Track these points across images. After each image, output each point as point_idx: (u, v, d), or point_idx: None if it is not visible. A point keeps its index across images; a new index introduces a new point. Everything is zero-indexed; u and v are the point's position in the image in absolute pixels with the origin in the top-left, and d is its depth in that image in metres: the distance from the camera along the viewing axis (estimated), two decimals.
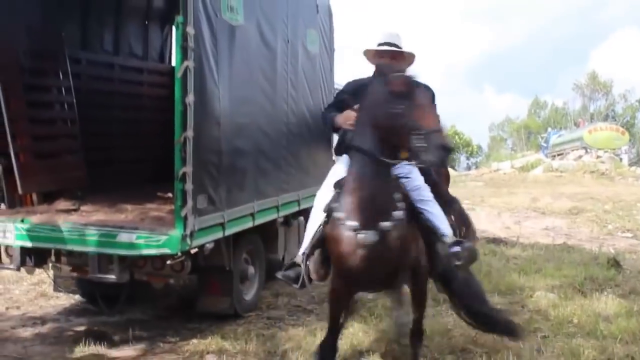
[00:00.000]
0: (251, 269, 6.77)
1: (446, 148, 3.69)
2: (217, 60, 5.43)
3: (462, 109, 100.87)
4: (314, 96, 7.92)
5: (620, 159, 32.22)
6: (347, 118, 4.47)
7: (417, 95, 3.88)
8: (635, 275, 8.46)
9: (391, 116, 3.81)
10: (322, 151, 8.27)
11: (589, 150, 33.04)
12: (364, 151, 3.99)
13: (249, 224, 6.20)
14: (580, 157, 31.91)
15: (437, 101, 4.63)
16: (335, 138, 6.79)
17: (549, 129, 51.21)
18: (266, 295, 7.18)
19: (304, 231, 7.82)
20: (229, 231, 5.77)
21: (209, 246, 5.53)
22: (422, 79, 4.15)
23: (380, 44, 4.70)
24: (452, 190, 17.68)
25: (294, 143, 7.29)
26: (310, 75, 7.78)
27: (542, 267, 8.38)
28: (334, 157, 9.01)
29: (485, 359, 5.12)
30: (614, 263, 8.90)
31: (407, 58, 4.69)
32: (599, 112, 60.95)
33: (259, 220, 6.39)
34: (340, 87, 9.75)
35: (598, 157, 31.28)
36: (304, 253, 4.48)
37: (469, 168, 53.05)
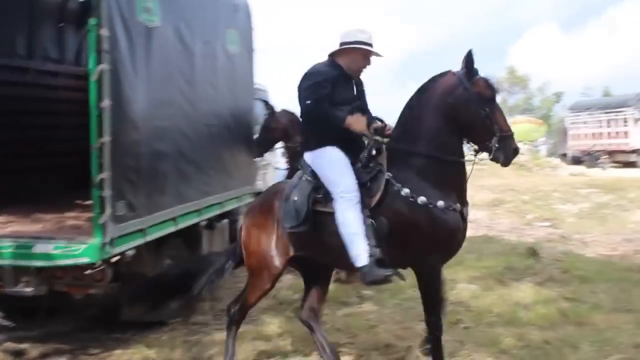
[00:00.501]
0: None
1: (516, 150, 4.31)
2: (134, 62, 5.32)
3: (387, 107, 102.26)
4: (235, 97, 7.85)
5: (539, 151, 33.26)
6: (360, 122, 4.47)
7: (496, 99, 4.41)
8: (553, 263, 8.77)
9: (481, 118, 4.27)
10: (244, 153, 8.23)
11: None
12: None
13: (171, 229, 6.09)
14: None
15: None
16: None
17: None
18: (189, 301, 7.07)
19: (228, 234, 7.84)
20: (150, 237, 5.65)
21: (130, 253, 5.38)
22: None
23: (358, 42, 4.65)
24: None
25: (216, 145, 7.21)
26: (230, 75, 7.71)
27: (463, 259, 8.57)
28: (257, 158, 9.02)
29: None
30: (532, 252, 9.20)
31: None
32: (517, 106, 62.73)
33: (182, 225, 6.28)
34: (262, 88, 9.81)
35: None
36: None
37: None
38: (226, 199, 7.48)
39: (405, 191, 4.29)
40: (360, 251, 4.26)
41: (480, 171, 28.17)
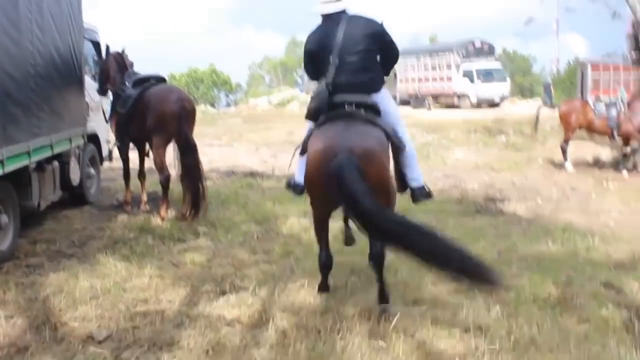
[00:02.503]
0: (4, 218, 6.48)
1: None
2: None
3: (223, 47, 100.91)
4: (62, 37, 7.68)
5: None
6: None
7: None
8: None
9: None
10: (73, 94, 8.08)
11: None
12: None
13: None
14: None
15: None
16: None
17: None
18: (23, 244, 6.96)
19: (58, 176, 7.74)
20: None
21: None
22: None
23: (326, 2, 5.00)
24: (212, 128, 18.28)
25: (44, 86, 7.04)
26: (57, 15, 7.50)
27: (295, 197, 9.01)
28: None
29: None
30: None
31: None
32: None
33: (10, 168, 6.14)
34: (91, 28, 9.59)
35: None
36: None
37: (228, 105, 53.65)
38: (56, 141, 7.36)
39: None
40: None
41: None
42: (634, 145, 13.60)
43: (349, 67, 4.89)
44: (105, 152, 9.97)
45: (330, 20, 5.01)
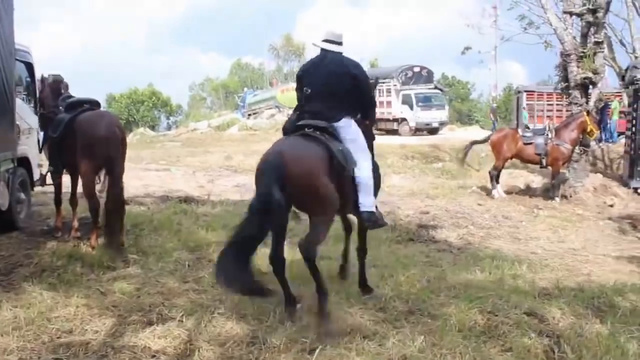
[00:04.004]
0: None
1: None
2: None
3: (165, 67, 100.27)
4: None
5: None
6: None
7: None
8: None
9: None
10: (2, 116, 7.94)
11: (281, 109, 35.00)
12: None
13: None
14: (272, 115, 33.69)
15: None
16: None
17: (245, 89, 53.24)
18: None
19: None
20: None
21: None
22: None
23: (325, 40, 5.81)
24: (150, 152, 18.04)
25: None
26: None
27: (229, 223, 8.99)
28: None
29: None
30: (295, 215, 9.78)
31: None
32: (292, 73, 64.63)
33: None
34: (24, 49, 9.45)
35: (289, 115, 33.28)
36: None
37: (169, 128, 53.23)
38: None
39: None
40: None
41: (253, 136, 29.07)
42: (561, 174, 14.10)
43: (316, 97, 5.66)
44: (36, 176, 9.76)
45: (321, 55, 5.83)
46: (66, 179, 8.70)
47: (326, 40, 5.81)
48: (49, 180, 9.01)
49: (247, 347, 4.70)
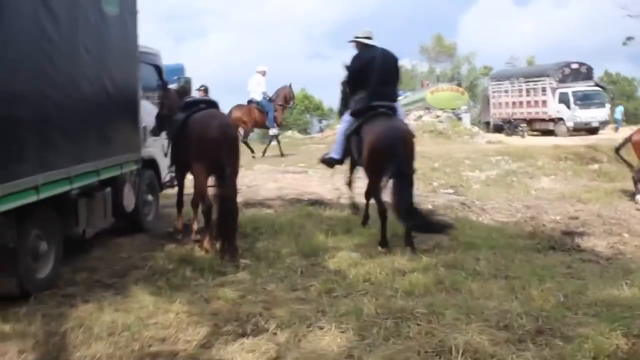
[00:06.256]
0: (43, 246, 6.32)
1: None
2: None
3: (318, 72, 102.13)
4: (114, 60, 7.57)
5: (460, 119, 33.53)
6: None
7: None
8: None
9: None
10: (126, 120, 7.98)
11: (431, 110, 34.12)
12: None
13: (32, 198, 5.79)
14: (420, 117, 32.87)
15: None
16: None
17: None
18: (65, 271, 6.83)
19: (110, 202, 7.61)
20: (5, 207, 5.38)
21: None
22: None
23: (365, 37, 8.07)
24: (291, 155, 17.82)
25: (90, 110, 6.94)
26: (108, 38, 7.42)
27: (352, 227, 8.55)
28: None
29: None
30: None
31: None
32: (444, 74, 63.39)
33: (45, 194, 5.96)
34: (152, 52, 9.55)
35: (437, 116, 32.40)
36: None
37: (321, 131, 53.79)
38: (104, 167, 7.22)
39: None
40: None
41: None
42: None
43: (382, 82, 7.73)
44: (166, 178, 9.83)
45: (371, 49, 7.93)
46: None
47: (366, 37, 8.01)
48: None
49: None
